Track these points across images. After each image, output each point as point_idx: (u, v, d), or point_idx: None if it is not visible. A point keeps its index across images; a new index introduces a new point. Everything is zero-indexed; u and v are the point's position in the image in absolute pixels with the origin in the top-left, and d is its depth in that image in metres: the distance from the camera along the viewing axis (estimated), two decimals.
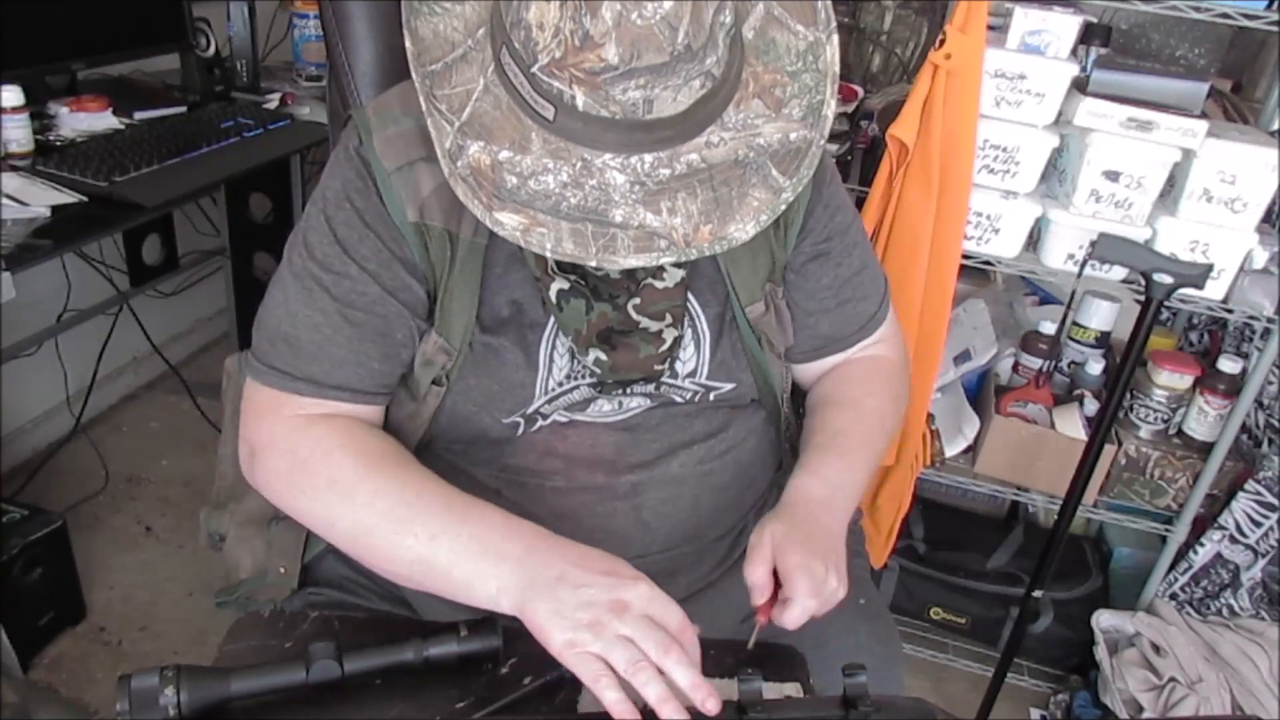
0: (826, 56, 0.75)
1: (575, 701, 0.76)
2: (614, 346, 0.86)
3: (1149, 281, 1.30)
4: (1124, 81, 1.38)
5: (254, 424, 0.85)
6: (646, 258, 0.70)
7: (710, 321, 0.90)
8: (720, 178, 0.72)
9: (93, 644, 1.80)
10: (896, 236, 1.49)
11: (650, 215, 0.70)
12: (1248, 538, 1.71)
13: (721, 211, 0.71)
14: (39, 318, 2.08)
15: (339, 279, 0.82)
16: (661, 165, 0.71)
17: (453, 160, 0.71)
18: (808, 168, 0.73)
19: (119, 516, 2.10)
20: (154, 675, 0.68)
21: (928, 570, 1.91)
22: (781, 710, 0.70)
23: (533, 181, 0.70)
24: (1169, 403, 1.67)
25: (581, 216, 0.70)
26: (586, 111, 0.68)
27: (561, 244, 0.70)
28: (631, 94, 0.67)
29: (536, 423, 0.90)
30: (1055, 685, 1.89)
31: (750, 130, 0.73)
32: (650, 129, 0.69)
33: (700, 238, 0.71)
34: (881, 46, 2.55)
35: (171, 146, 1.73)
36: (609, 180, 0.70)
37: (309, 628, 0.82)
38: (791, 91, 0.74)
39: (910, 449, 1.63)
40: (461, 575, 0.75)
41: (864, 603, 1.00)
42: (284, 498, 0.83)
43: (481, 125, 0.71)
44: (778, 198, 0.73)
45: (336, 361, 0.83)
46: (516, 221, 0.70)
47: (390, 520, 0.78)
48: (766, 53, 0.75)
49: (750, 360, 0.93)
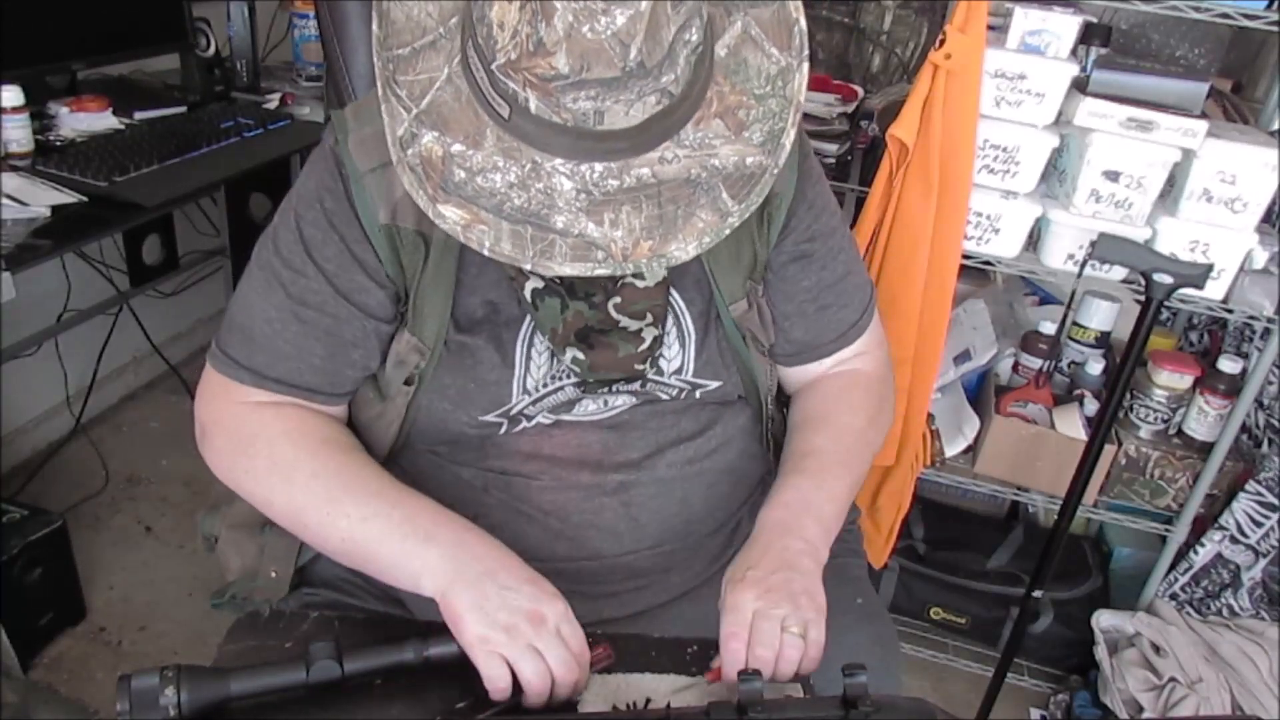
0: (795, 84, 0.73)
1: (575, 702, 0.76)
2: (592, 345, 0.86)
3: (1149, 281, 1.30)
4: (1124, 81, 1.38)
5: (205, 404, 0.88)
6: (582, 267, 0.70)
7: (695, 319, 0.90)
8: (669, 195, 0.71)
9: (93, 644, 1.80)
10: (896, 236, 1.49)
11: (592, 225, 0.70)
12: (1248, 538, 1.71)
13: (665, 229, 0.71)
14: (39, 318, 2.08)
15: (296, 277, 0.84)
16: (611, 176, 0.70)
17: (403, 148, 0.71)
18: (758, 195, 0.72)
19: (119, 516, 2.10)
20: (154, 675, 0.68)
21: (928, 570, 1.91)
22: (781, 710, 0.70)
23: (480, 178, 0.70)
24: (1169, 403, 1.67)
25: (523, 219, 0.70)
26: (539, 115, 0.67)
27: (500, 244, 0.70)
28: (582, 104, 0.66)
29: (520, 424, 0.90)
30: (1055, 685, 1.89)
31: (707, 149, 0.72)
32: (601, 139, 0.68)
33: (639, 253, 0.70)
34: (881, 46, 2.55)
35: (171, 146, 1.73)
36: (556, 185, 0.70)
37: (309, 628, 0.82)
38: (755, 115, 0.73)
39: (910, 449, 1.63)
40: (389, 554, 0.79)
41: (862, 602, 1.00)
42: (227, 475, 0.86)
43: (439, 115, 0.71)
44: (723, 221, 0.72)
45: (280, 355, 0.85)
46: (459, 216, 0.70)
47: (324, 501, 0.81)
48: (736, 73, 0.74)
49: (736, 358, 0.92)
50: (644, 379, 0.89)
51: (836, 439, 0.94)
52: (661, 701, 0.77)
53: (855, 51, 2.52)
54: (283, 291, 0.84)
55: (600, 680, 0.79)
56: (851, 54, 2.54)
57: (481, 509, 0.93)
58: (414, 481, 0.95)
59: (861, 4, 2.50)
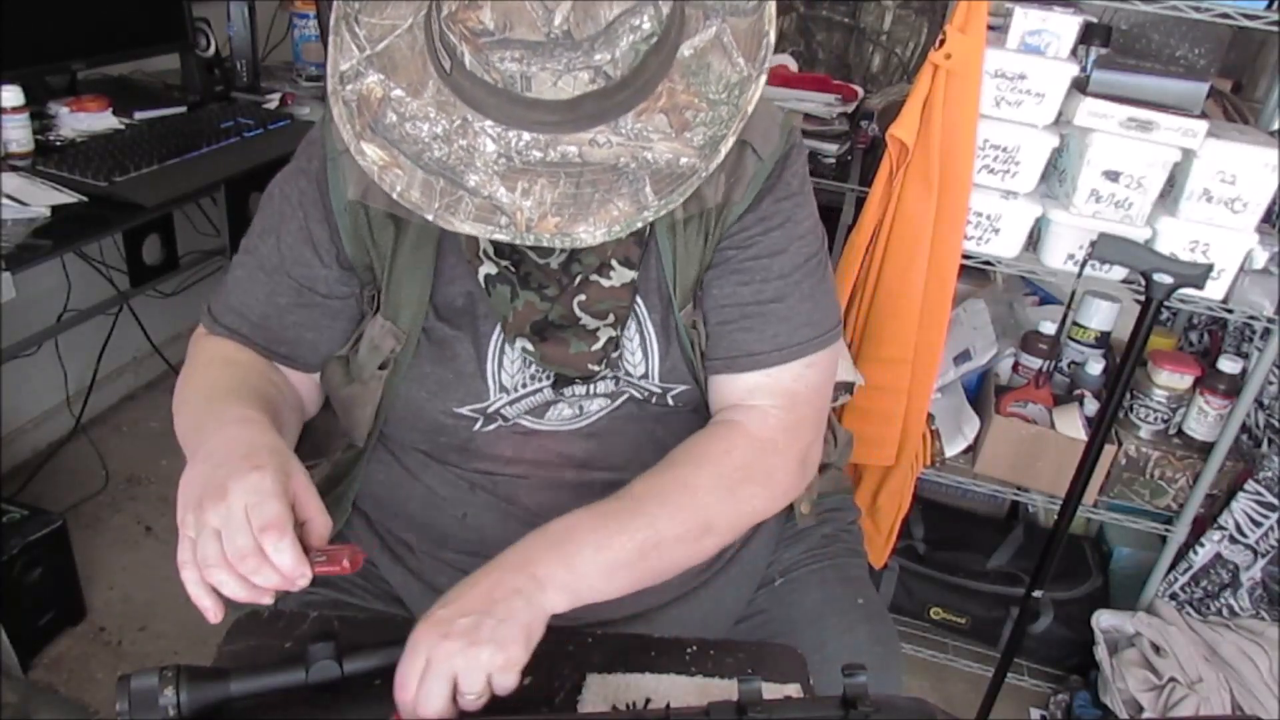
0: (749, 95, 0.72)
1: (575, 701, 0.76)
2: (544, 339, 0.86)
3: (1149, 281, 1.30)
4: (1124, 81, 1.38)
5: None
6: (481, 228, 0.70)
7: (656, 325, 0.89)
8: (590, 177, 0.70)
9: (93, 644, 1.80)
10: (896, 236, 1.49)
11: (503, 190, 0.70)
12: (1248, 538, 1.71)
13: (577, 209, 0.70)
14: (39, 318, 2.08)
15: (259, 243, 0.90)
16: (536, 147, 0.70)
17: (342, 83, 0.71)
18: (680, 194, 0.71)
19: (119, 516, 2.10)
20: (154, 675, 0.68)
21: (928, 570, 1.91)
22: (781, 710, 0.70)
23: (409, 124, 0.71)
24: (1169, 403, 1.67)
25: (438, 170, 0.70)
26: (472, 72, 0.68)
27: (410, 190, 0.70)
28: (508, 65, 0.66)
29: (496, 422, 0.90)
30: (1055, 685, 1.89)
31: (642, 141, 0.71)
32: (531, 107, 0.68)
33: (543, 226, 0.70)
34: (881, 46, 2.55)
35: (171, 146, 1.73)
36: (479, 145, 0.70)
37: (308, 628, 0.82)
38: (702, 119, 0.71)
39: (910, 449, 1.63)
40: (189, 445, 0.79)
41: (862, 602, 1.00)
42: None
43: (390, 60, 0.71)
44: (639, 214, 0.70)
45: (225, 307, 0.91)
46: (379, 156, 0.71)
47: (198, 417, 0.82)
48: (696, 75, 0.72)
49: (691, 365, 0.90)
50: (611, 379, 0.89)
51: (660, 489, 0.81)
52: (661, 701, 0.77)
53: (855, 51, 2.52)
54: (246, 254, 0.91)
55: (600, 680, 0.79)
56: (851, 54, 2.54)
57: (470, 508, 0.93)
58: (402, 478, 0.96)
59: (861, 4, 2.50)
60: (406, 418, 0.91)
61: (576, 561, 0.74)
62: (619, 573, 0.77)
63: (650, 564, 0.79)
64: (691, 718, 0.68)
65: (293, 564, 0.66)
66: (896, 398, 1.58)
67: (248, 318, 0.90)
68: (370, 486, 0.99)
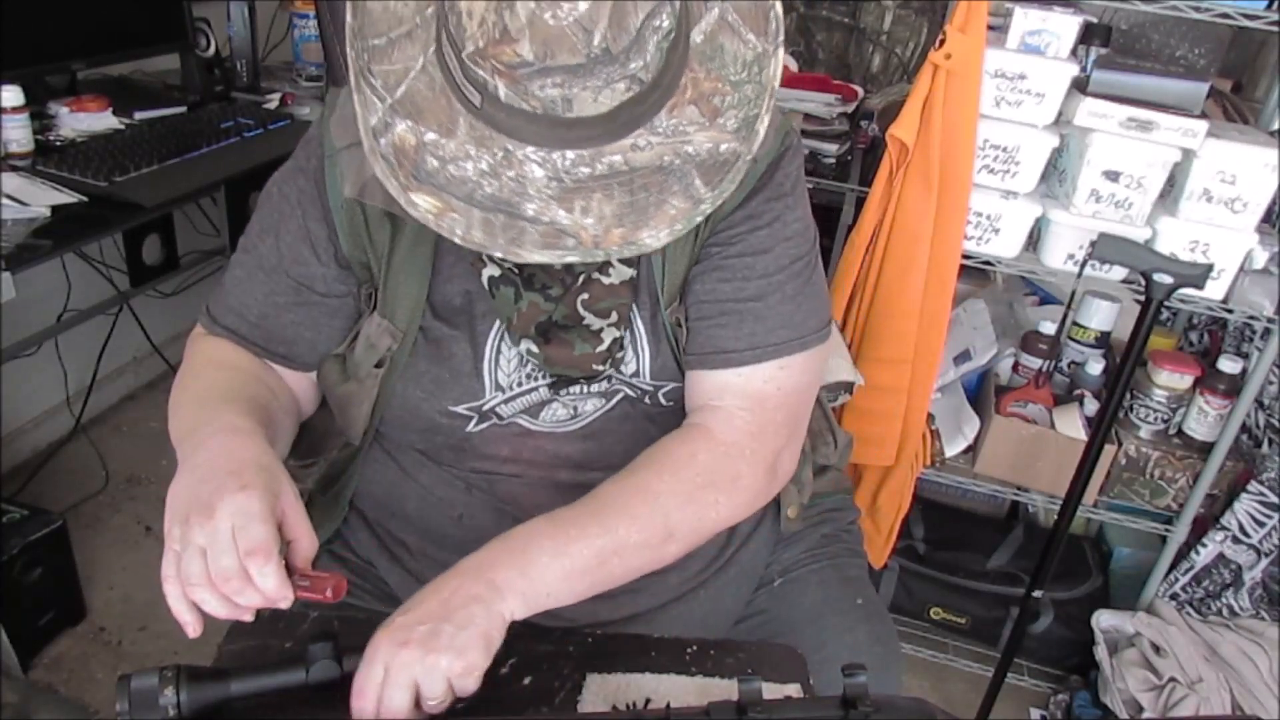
0: (770, 70, 0.72)
1: (575, 701, 0.76)
2: (548, 340, 0.86)
3: (1149, 281, 1.30)
4: (1124, 81, 1.38)
5: None
6: (552, 254, 0.69)
7: (646, 323, 0.89)
8: (640, 182, 0.70)
9: (93, 644, 1.80)
10: (896, 236, 1.49)
11: (562, 213, 0.69)
12: (1250, 538, 1.71)
13: (636, 216, 0.70)
14: (39, 318, 2.08)
15: (257, 242, 0.90)
16: (582, 164, 0.70)
17: (375, 137, 0.71)
18: (731, 181, 0.71)
19: (119, 516, 2.10)
20: (154, 675, 0.68)
21: (928, 570, 1.91)
22: (781, 710, 0.70)
23: (452, 167, 0.70)
24: (1169, 403, 1.67)
25: (494, 207, 0.69)
26: (509, 103, 0.67)
27: (471, 231, 0.69)
28: (549, 91, 0.66)
29: (491, 420, 0.90)
30: (1055, 685, 1.89)
31: (680, 137, 0.71)
32: (572, 126, 0.68)
33: (610, 240, 0.70)
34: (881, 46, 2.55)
35: (171, 146, 1.73)
36: (527, 173, 0.69)
37: (309, 628, 0.82)
38: (730, 101, 0.72)
39: (910, 449, 1.63)
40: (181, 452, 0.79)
41: (862, 602, 1.00)
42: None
43: (413, 104, 0.71)
44: (695, 208, 0.71)
45: (224, 307, 0.91)
46: (431, 204, 0.70)
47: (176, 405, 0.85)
48: (712, 59, 0.73)
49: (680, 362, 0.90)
50: (608, 379, 0.89)
51: (622, 495, 0.81)
52: (661, 701, 0.77)
53: (855, 51, 2.52)
54: (245, 253, 0.90)
55: (600, 680, 0.79)
56: (851, 54, 2.54)
57: (467, 508, 0.93)
58: (399, 477, 0.96)
59: (861, 4, 2.50)
60: (402, 416, 0.91)
61: (534, 569, 0.74)
62: (577, 579, 0.77)
63: (610, 570, 0.79)
64: (691, 718, 0.68)
65: (276, 588, 0.68)
66: (896, 398, 1.58)
67: (245, 317, 0.90)
68: (367, 486, 0.99)
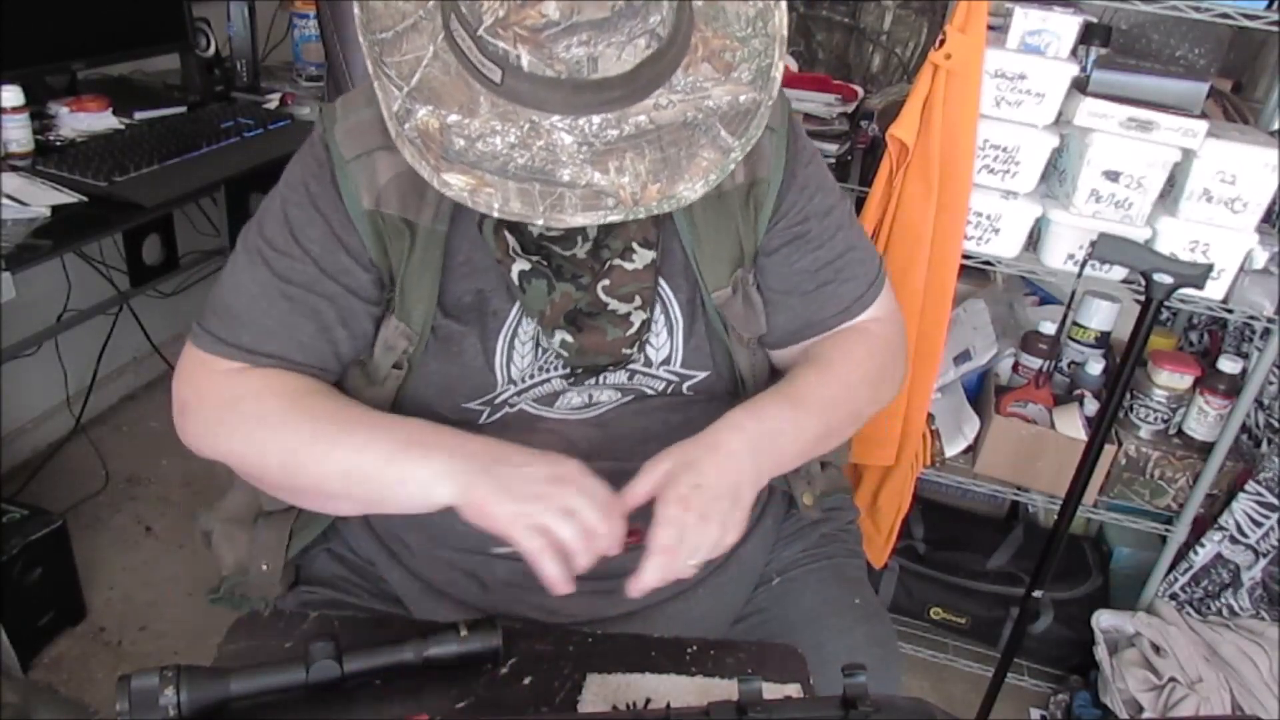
0: (775, 21, 0.75)
1: (575, 701, 0.76)
2: (580, 328, 0.86)
3: (1149, 281, 1.30)
4: (1124, 81, 1.38)
5: (185, 380, 0.87)
6: (594, 215, 0.70)
7: (682, 306, 0.90)
8: (669, 138, 0.71)
9: (93, 644, 1.80)
10: (896, 236, 1.49)
11: (598, 174, 0.70)
12: (1248, 538, 1.71)
13: (670, 171, 0.71)
14: (39, 318, 2.08)
15: (280, 256, 0.85)
16: (609, 126, 0.70)
17: (400, 122, 0.71)
18: (756, 127, 0.73)
19: (119, 516, 2.10)
20: (154, 675, 0.68)
21: (928, 570, 1.91)
22: (781, 710, 0.70)
23: (480, 143, 0.70)
24: (1169, 403, 1.67)
25: (529, 176, 0.70)
26: (532, 72, 0.68)
27: (509, 203, 0.70)
28: (575, 50, 0.66)
29: (503, 410, 0.90)
30: (1055, 685, 1.88)
31: (699, 93, 0.73)
32: (597, 89, 0.69)
33: (648, 196, 0.71)
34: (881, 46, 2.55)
35: (171, 146, 1.73)
36: (556, 141, 0.70)
37: (308, 628, 0.82)
38: (741, 56, 0.74)
39: (910, 449, 1.63)
40: (394, 473, 0.77)
41: (861, 602, 1.00)
42: (216, 442, 0.85)
43: (430, 90, 0.71)
44: (726, 157, 0.73)
45: (267, 332, 0.85)
46: (464, 182, 0.70)
47: (321, 440, 0.81)
48: (715, 19, 0.75)
49: (721, 347, 0.92)
50: (630, 370, 0.89)
51: (821, 378, 0.91)
52: (661, 701, 0.77)
53: (855, 51, 2.52)
54: (268, 270, 0.85)
55: (600, 680, 0.79)
56: (851, 54, 2.54)
57: None
58: None
59: (861, 4, 2.50)
60: (415, 414, 0.91)
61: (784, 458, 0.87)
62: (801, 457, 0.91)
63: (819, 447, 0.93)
64: (691, 718, 0.69)
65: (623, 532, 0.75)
66: (897, 398, 1.57)
67: (296, 338, 0.85)
68: None
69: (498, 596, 0.91)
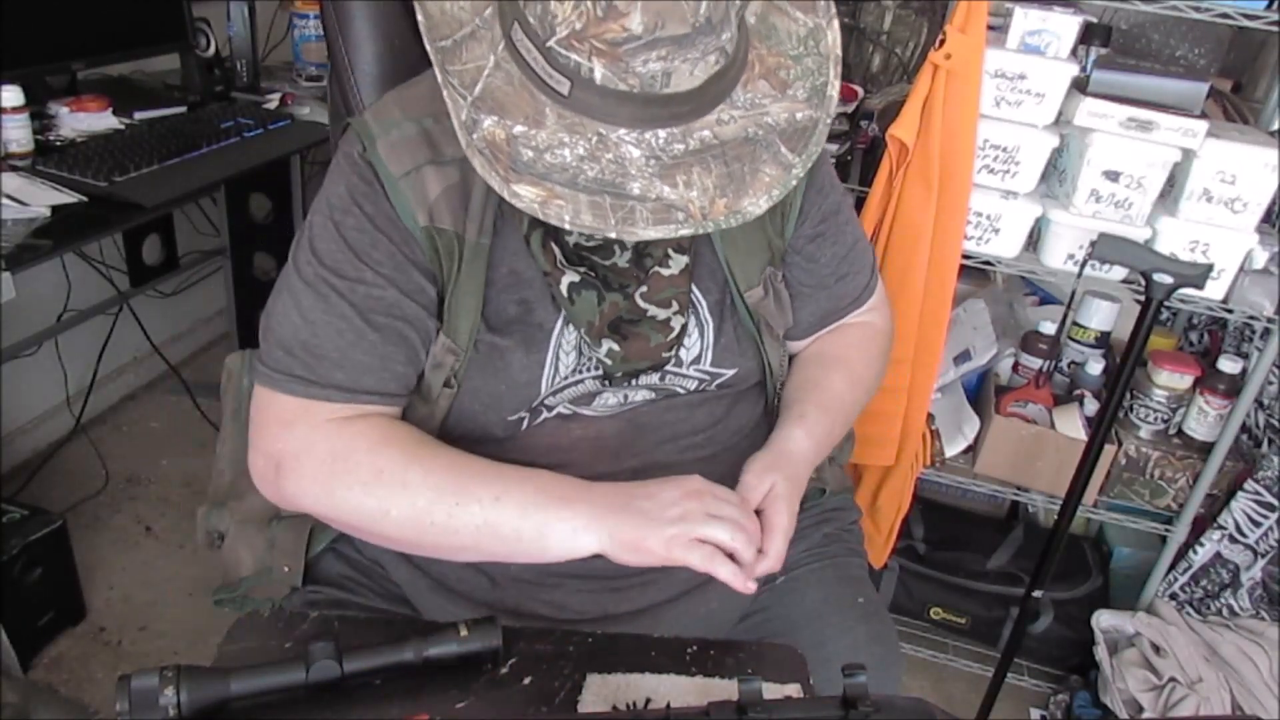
0: (828, 41, 0.76)
1: (575, 701, 0.76)
2: (625, 336, 0.86)
3: (1149, 281, 1.30)
4: (1124, 81, 1.38)
5: (281, 433, 0.82)
6: (665, 229, 0.71)
7: (711, 308, 0.91)
8: (733, 153, 0.73)
9: (93, 644, 1.80)
10: (896, 236, 1.49)
11: (667, 188, 0.71)
12: (1247, 537, 1.71)
13: (735, 186, 0.72)
14: (39, 318, 2.08)
15: (354, 285, 0.81)
16: (676, 140, 0.71)
17: (468, 132, 0.71)
18: (816, 144, 0.75)
19: (119, 516, 2.10)
20: (154, 675, 0.68)
21: (928, 570, 1.91)
22: (781, 710, 0.70)
23: (549, 155, 0.70)
24: (1169, 403, 1.67)
25: (599, 189, 0.70)
26: (604, 85, 0.68)
27: (580, 216, 0.70)
28: (652, 65, 0.67)
29: (541, 414, 0.90)
30: (1055, 685, 1.88)
31: (758, 109, 0.74)
32: (666, 103, 0.69)
33: (716, 211, 0.72)
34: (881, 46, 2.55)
35: (171, 146, 1.73)
36: (625, 154, 0.71)
37: (309, 628, 0.82)
38: (795, 74, 0.76)
39: (910, 449, 1.63)
40: (532, 527, 0.78)
41: (862, 602, 1.00)
42: (329, 499, 0.81)
43: (494, 100, 0.71)
44: (788, 174, 0.74)
45: (363, 368, 0.82)
46: (534, 194, 0.70)
47: (449, 494, 0.79)
48: (769, 37, 0.76)
49: (751, 344, 0.94)
50: (665, 371, 0.90)
51: (851, 388, 1.00)
52: (661, 701, 0.77)
53: (855, 51, 2.52)
54: (345, 302, 0.81)
55: (600, 680, 0.79)
56: (851, 54, 2.53)
57: None
58: None
59: (861, 4, 2.50)
60: (457, 428, 0.90)
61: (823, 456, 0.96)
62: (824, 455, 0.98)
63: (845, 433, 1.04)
64: (691, 718, 0.69)
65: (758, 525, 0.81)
66: (896, 398, 1.57)
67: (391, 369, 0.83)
68: None
69: (507, 593, 0.92)
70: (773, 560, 0.82)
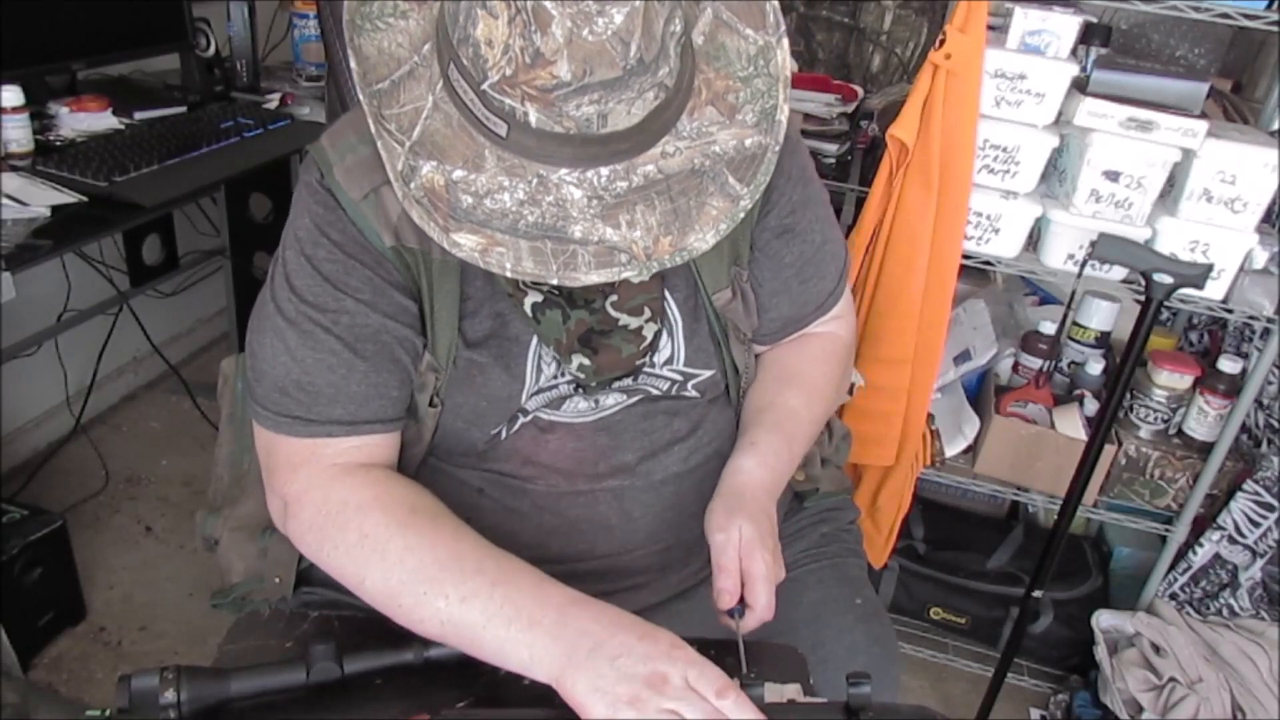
0: (778, 60, 0.74)
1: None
2: (595, 350, 0.86)
3: (1149, 281, 1.30)
4: (1124, 81, 1.38)
5: (287, 476, 0.82)
6: (608, 273, 0.69)
7: (680, 306, 0.90)
8: (678, 188, 0.71)
9: (93, 644, 1.80)
10: (896, 236, 1.49)
11: (610, 230, 0.69)
12: (1246, 538, 1.71)
13: (681, 222, 0.70)
14: (39, 318, 2.08)
15: (338, 317, 0.80)
16: (618, 178, 0.70)
17: (405, 182, 0.69)
18: (764, 174, 0.72)
19: (119, 516, 2.10)
20: (154, 675, 0.68)
21: (928, 570, 1.91)
22: (783, 714, 0.70)
23: (489, 200, 0.69)
24: (1169, 403, 1.67)
25: (540, 234, 0.69)
26: (540, 128, 0.67)
27: (521, 263, 0.69)
28: (585, 109, 0.66)
29: (518, 421, 0.90)
30: (1055, 685, 1.89)
31: (705, 138, 0.72)
32: (605, 142, 0.68)
33: (660, 250, 0.70)
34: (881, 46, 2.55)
35: (171, 146, 1.73)
36: (566, 196, 0.69)
37: (309, 628, 0.82)
38: (744, 97, 0.73)
39: (910, 449, 1.63)
40: (493, 640, 0.72)
41: (861, 602, 1.00)
42: (316, 553, 0.81)
43: (433, 144, 0.70)
44: (736, 205, 0.72)
45: (359, 399, 0.81)
46: (474, 242, 0.69)
47: (421, 580, 0.75)
48: (717, 58, 0.74)
49: (720, 348, 0.92)
50: (629, 377, 0.89)
51: (808, 404, 0.96)
52: None
53: (855, 51, 2.52)
54: (330, 336, 0.80)
55: None
56: (851, 54, 2.54)
57: (476, 511, 0.93)
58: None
59: (861, 4, 2.50)
60: (441, 444, 0.89)
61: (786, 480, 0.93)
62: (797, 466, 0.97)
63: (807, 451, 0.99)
64: None
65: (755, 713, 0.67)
66: (896, 398, 1.58)
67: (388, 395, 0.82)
68: None
69: None
70: (761, 611, 0.80)
